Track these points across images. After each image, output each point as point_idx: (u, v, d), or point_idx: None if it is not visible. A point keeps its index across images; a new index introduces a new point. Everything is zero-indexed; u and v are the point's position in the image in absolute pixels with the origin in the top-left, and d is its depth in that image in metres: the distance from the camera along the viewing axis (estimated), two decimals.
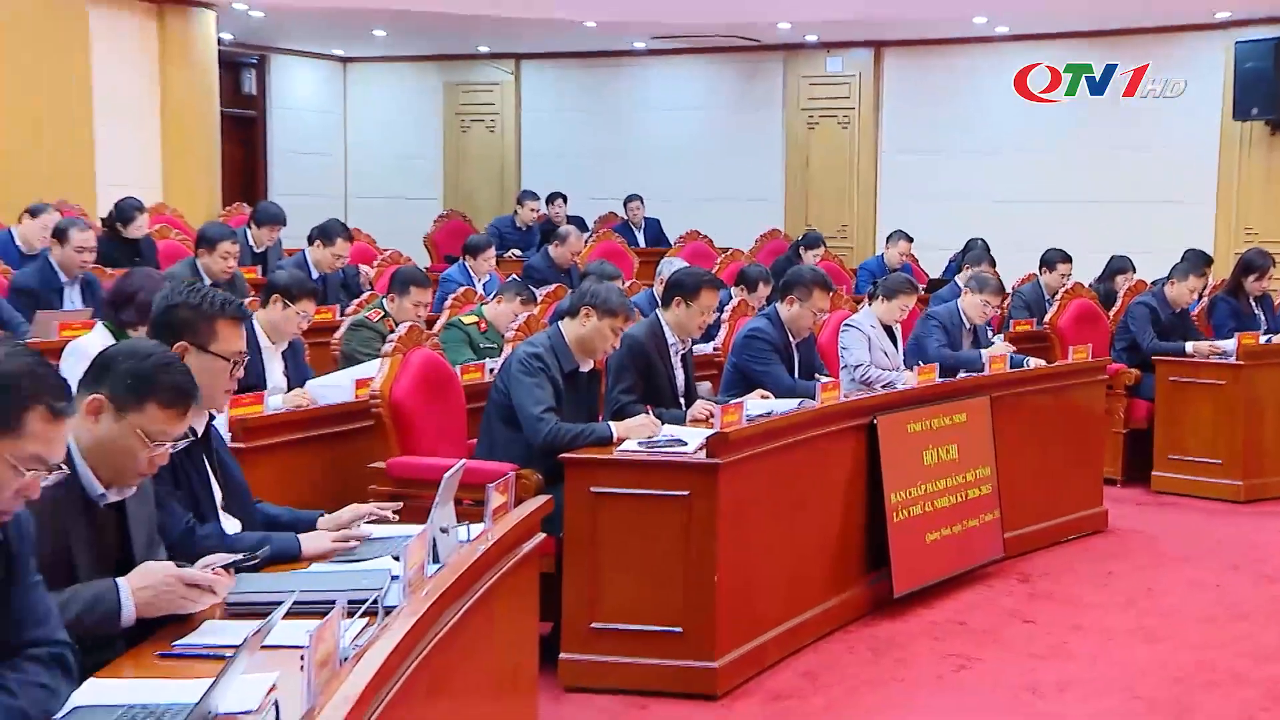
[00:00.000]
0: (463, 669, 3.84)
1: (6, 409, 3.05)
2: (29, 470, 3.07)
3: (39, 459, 3.08)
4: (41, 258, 9.62)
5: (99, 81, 14.47)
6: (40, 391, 3.10)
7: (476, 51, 19.08)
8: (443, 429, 6.91)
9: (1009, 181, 16.39)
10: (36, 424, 3.07)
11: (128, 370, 3.73)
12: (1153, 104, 15.72)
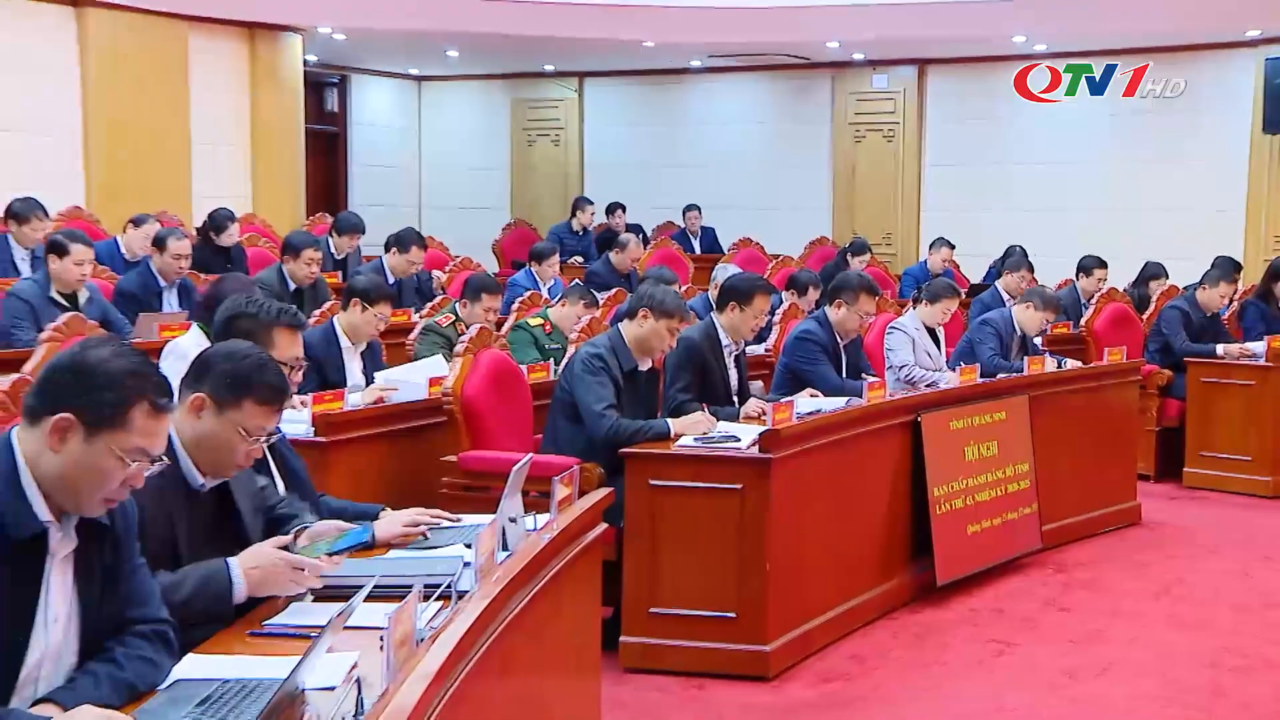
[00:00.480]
0: (530, 650, 3.85)
1: (113, 405, 3.09)
2: (133, 461, 3.11)
3: (142, 451, 3.12)
4: (143, 264, 9.70)
5: (196, 101, 14.64)
6: (144, 389, 3.14)
7: (542, 70, 19.09)
8: (510, 425, 6.93)
9: (1046, 191, 16.26)
10: (140, 419, 3.11)
11: (226, 370, 3.82)
12: (1186, 118, 15.59)
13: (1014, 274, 11.33)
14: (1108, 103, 15.95)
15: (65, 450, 3.06)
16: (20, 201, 10.52)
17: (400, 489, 6.22)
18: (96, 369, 3.12)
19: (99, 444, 3.07)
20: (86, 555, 3.19)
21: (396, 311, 8.55)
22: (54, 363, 3.22)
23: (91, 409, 3.07)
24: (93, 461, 3.07)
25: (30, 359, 6.09)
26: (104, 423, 3.08)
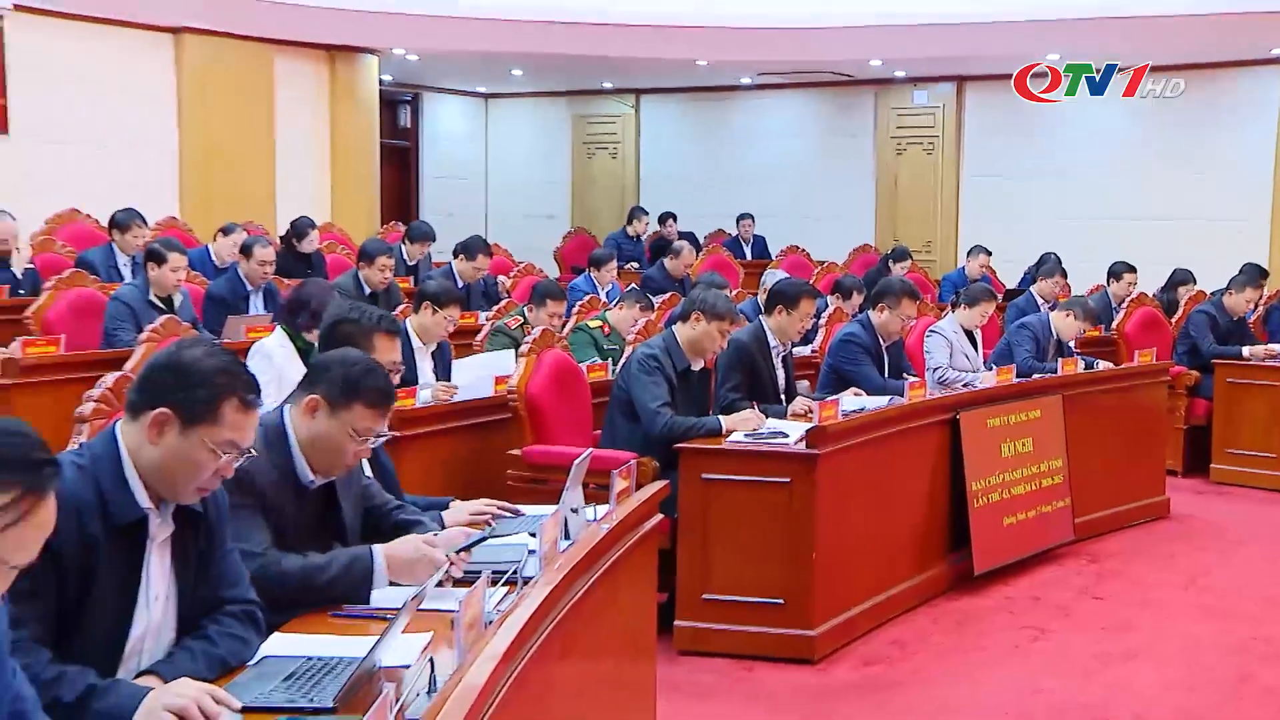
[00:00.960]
0: (591, 632, 3.85)
1: (206, 401, 3.13)
2: (224, 454, 3.14)
3: (233, 444, 3.16)
4: (231, 270, 9.78)
5: (280, 119, 14.79)
6: (234, 386, 3.19)
7: (601, 87, 19.13)
8: (571, 421, 6.95)
9: (1079, 201, 16.18)
10: (230, 413, 3.16)
11: (339, 375, 3.87)
12: (1214, 132, 15.54)
13: (1048, 280, 11.31)
14: (1139, 116, 15.92)
15: (163, 442, 3.11)
16: (122, 212, 10.63)
17: (467, 481, 6.26)
18: (191, 368, 3.17)
19: (193, 437, 3.11)
20: (182, 540, 3.24)
21: (464, 314, 8.60)
22: (153, 361, 3.27)
23: (187, 405, 3.12)
24: (188, 453, 3.11)
25: (130, 358, 6.14)
26: (198, 417, 3.12)
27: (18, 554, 2.35)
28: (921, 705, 5.64)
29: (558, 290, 8.62)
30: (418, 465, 6.19)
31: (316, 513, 3.93)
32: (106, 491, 3.06)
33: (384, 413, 3.91)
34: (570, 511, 4.06)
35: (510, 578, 3.60)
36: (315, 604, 3.61)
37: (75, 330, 8.33)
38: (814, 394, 7.65)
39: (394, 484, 4.62)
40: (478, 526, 4.35)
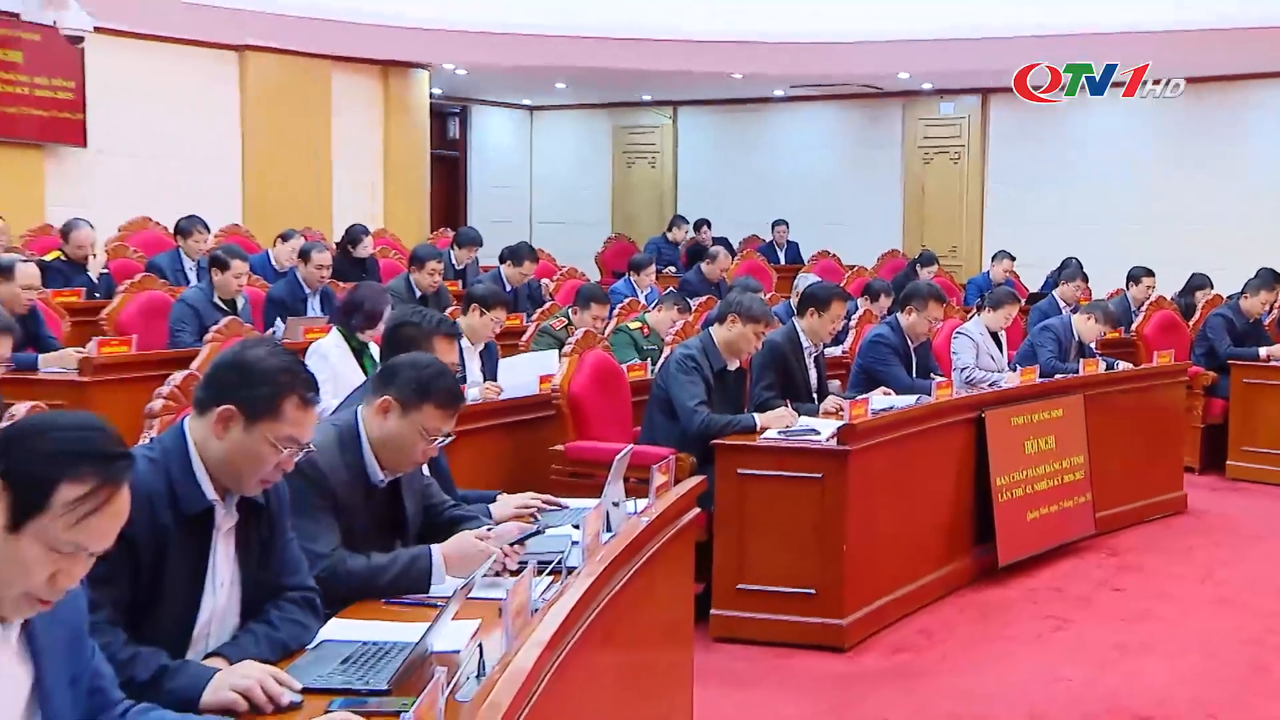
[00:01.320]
0: (631, 620, 3.86)
1: (268, 398, 3.16)
2: (285, 448, 3.17)
3: (293, 439, 3.18)
4: (290, 274, 9.83)
5: (336, 131, 14.87)
6: (294, 384, 3.21)
7: (640, 100, 19.14)
8: (612, 418, 6.96)
9: (1100, 208, 16.06)
10: (291, 410, 3.18)
11: (410, 378, 3.88)
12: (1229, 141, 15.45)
13: (1070, 283, 11.26)
14: (1158, 127, 15.89)
15: (228, 437, 3.13)
16: (185, 219, 10.72)
17: (513, 475, 6.28)
18: (254, 367, 3.20)
19: (256, 432, 3.14)
20: (246, 530, 3.26)
21: (510, 316, 8.60)
22: (219, 360, 3.31)
23: (250, 402, 3.15)
24: (251, 448, 3.14)
25: (196, 358, 6.20)
26: (260, 414, 3.15)
27: (95, 541, 2.37)
28: (947, 692, 5.63)
29: (600, 293, 8.64)
30: (466, 460, 6.20)
31: (382, 509, 3.95)
32: (176, 483, 3.10)
33: (452, 413, 3.92)
34: (612, 505, 4.07)
35: (555, 568, 3.61)
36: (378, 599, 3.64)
37: (145, 331, 8.40)
38: (845, 393, 7.63)
39: (448, 482, 4.64)
40: (524, 519, 4.37)
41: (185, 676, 2.88)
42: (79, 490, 2.34)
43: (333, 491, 3.74)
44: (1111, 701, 5.54)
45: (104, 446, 2.41)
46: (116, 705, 2.62)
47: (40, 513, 2.32)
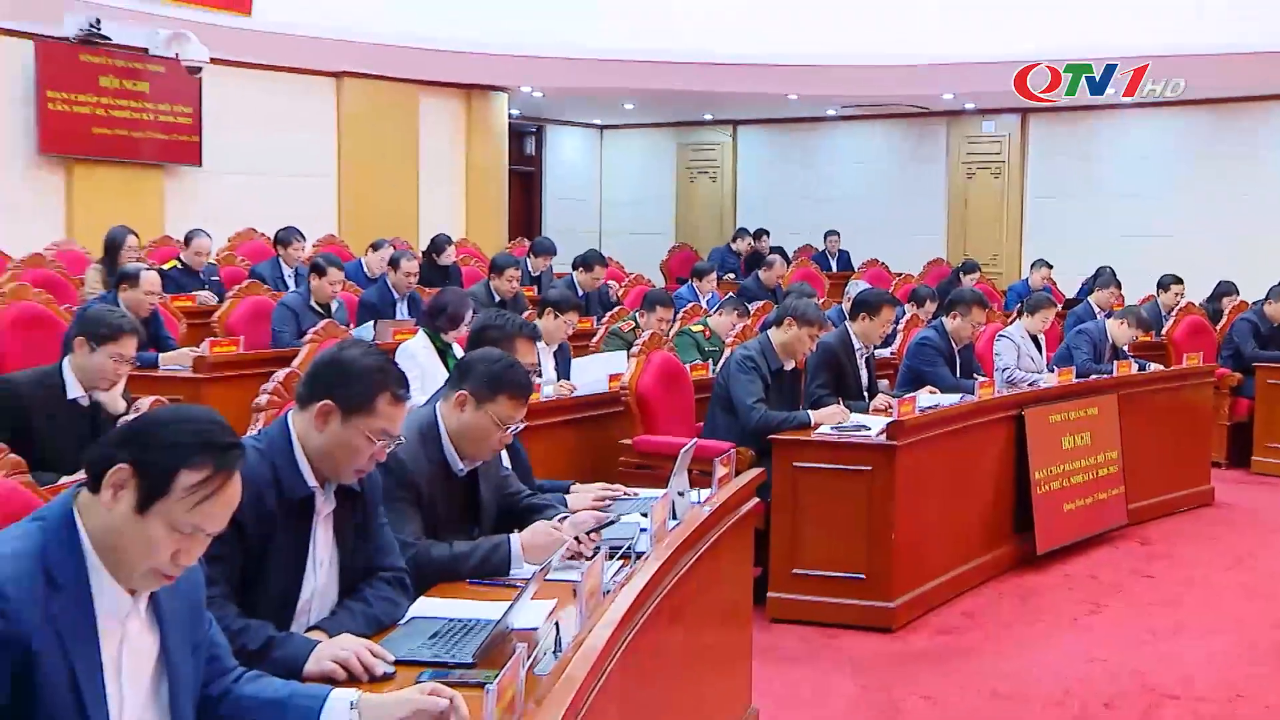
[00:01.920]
0: (695, 602, 3.86)
1: (363, 394, 3.19)
2: (378, 441, 3.20)
3: (385, 432, 3.21)
4: (381, 281, 9.91)
5: (423, 149, 14.99)
6: (387, 382, 3.24)
7: (702, 119, 19.12)
8: (676, 414, 6.96)
9: (1132, 219, 15.89)
10: (384, 406, 3.21)
11: (484, 371, 3.90)
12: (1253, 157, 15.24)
13: (1104, 290, 11.15)
14: (1187, 143, 15.76)
15: (327, 430, 3.17)
16: (284, 230, 10.84)
17: (585, 467, 6.28)
18: (351, 366, 3.24)
19: (352, 426, 3.17)
20: (343, 515, 3.29)
21: (582, 319, 8.64)
22: (319, 360, 3.35)
23: (347, 398, 3.18)
24: (347, 440, 3.17)
25: (297, 357, 6.27)
26: (356, 409, 3.18)
27: (211, 523, 2.41)
28: (989, 670, 5.60)
29: (667, 298, 8.65)
30: (542, 452, 6.19)
31: (461, 498, 3.97)
32: (280, 472, 3.14)
33: (523, 403, 3.92)
34: (677, 495, 4.06)
35: (625, 552, 3.61)
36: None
37: (251, 332, 8.51)
38: (893, 392, 7.60)
39: (527, 473, 4.66)
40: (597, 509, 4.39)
41: (290, 647, 2.93)
42: (197, 477, 2.38)
43: (415, 482, 3.76)
44: (1142, 681, 5.50)
45: (219, 438, 2.45)
46: (231, 671, 2.67)
47: (163, 497, 2.37)
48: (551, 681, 2.61)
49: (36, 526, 2.41)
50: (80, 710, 2.32)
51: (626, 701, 3.09)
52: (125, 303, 7.54)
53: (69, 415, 5.28)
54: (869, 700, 5.24)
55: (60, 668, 2.30)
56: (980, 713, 5.13)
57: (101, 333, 5.29)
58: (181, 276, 10.06)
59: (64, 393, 5.30)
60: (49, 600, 2.31)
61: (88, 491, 2.42)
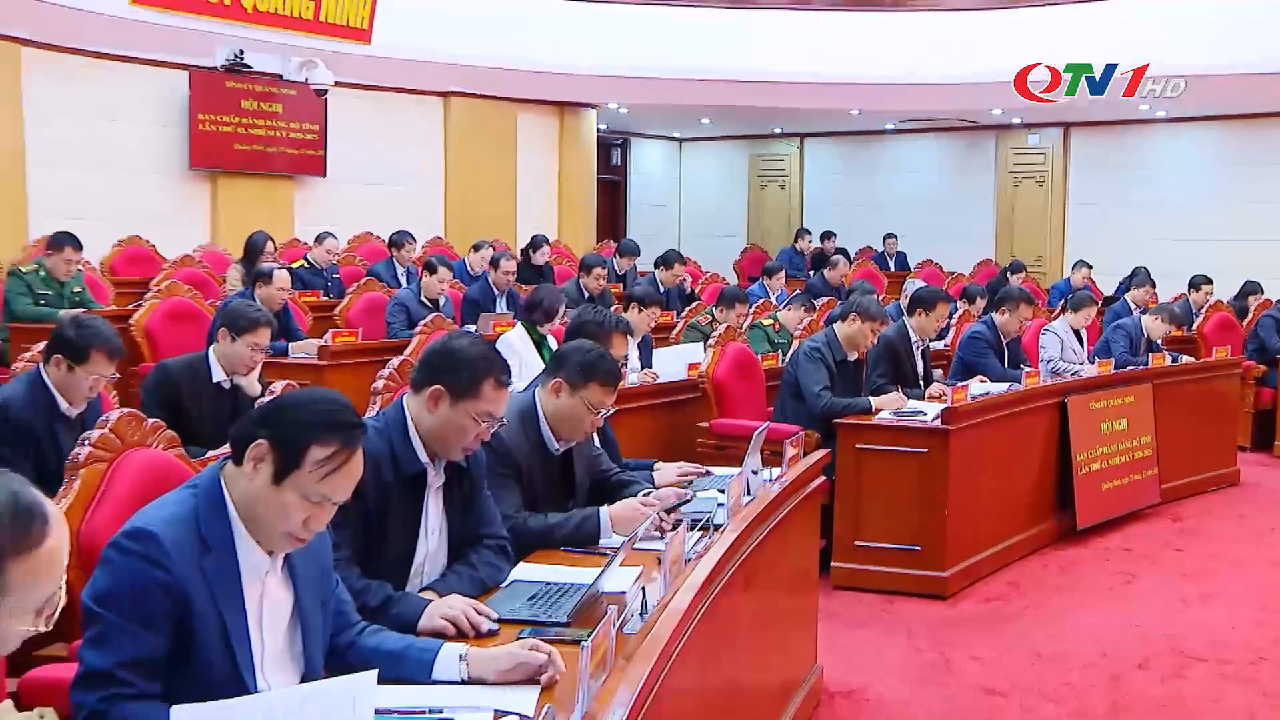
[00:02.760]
0: (767, 570, 3.86)
1: (471, 380, 3.21)
2: (483, 422, 3.22)
3: (489, 414, 3.23)
4: (482, 278, 9.95)
5: (520, 160, 15.04)
6: (492, 368, 3.26)
7: (772, 132, 19.00)
8: (749, 400, 6.96)
9: (1165, 224, 15.61)
10: (489, 390, 3.22)
11: (578, 361, 3.90)
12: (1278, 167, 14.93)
13: (1139, 289, 10.97)
14: (1216, 155, 15.49)
15: (438, 412, 3.19)
16: (397, 233, 10.94)
17: (666, 447, 6.30)
18: (459, 354, 3.26)
19: (460, 409, 3.19)
20: (451, 488, 3.32)
21: (663, 314, 8.64)
22: (430, 349, 3.38)
23: (455, 383, 3.20)
24: (456, 421, 3.19)
25: (409, 347, 6.33)
26: (464, 393, 3.19)
27: (337, 493, 2.45)
28: (1033, 634, 5.55)
29: (742, 295, 8.63)
30: (628, 433, 6.20)
31: (557, 474, 3.98)
32: (396, 449, 3.17)
33: (613, 390, 3.92)
34: (751, 473, 4.06)
35: (704, 525, 3.60)
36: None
37: (368, 324, 8.62)
38: (947, 381, 7.54)
39: (616, 453, 4.67)
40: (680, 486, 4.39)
41: (406, 605, 2.96)
42: (326, 452, 2.42)
43: (516, 460, 3.77)
44: (1172, 644, 5.44)
45: (345, 418, 2.49)
46: (355, 625, 2.71)
47: (296, 469, 2.41)
48: (639, 640, 2.62)
49: (190, 494, 2.48)
50: (229, 652, 2.38)
51: (705, 658, 3.10)
52: (260, 298, 7.67)
53: (213, 396, 5.38)
54: (923, 660, 5.21)
55: (212, 615, 2.37)
56: (1024, 672, 5.09)
57: (241, 325, 5.38)
58: (308, 275, 10.21)
59: (209, 377, 5.40)
60: (202, 558, 2.39)
61: (232, 464, 2.49)
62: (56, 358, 4.48)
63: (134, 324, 7.56)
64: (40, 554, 1.76)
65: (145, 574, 2.32)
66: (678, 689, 2.69)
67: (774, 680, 4.19)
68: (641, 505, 3.78)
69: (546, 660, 2.54)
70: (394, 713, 2.34)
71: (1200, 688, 4.94)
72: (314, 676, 2.54)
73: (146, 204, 11.80)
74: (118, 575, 2.34)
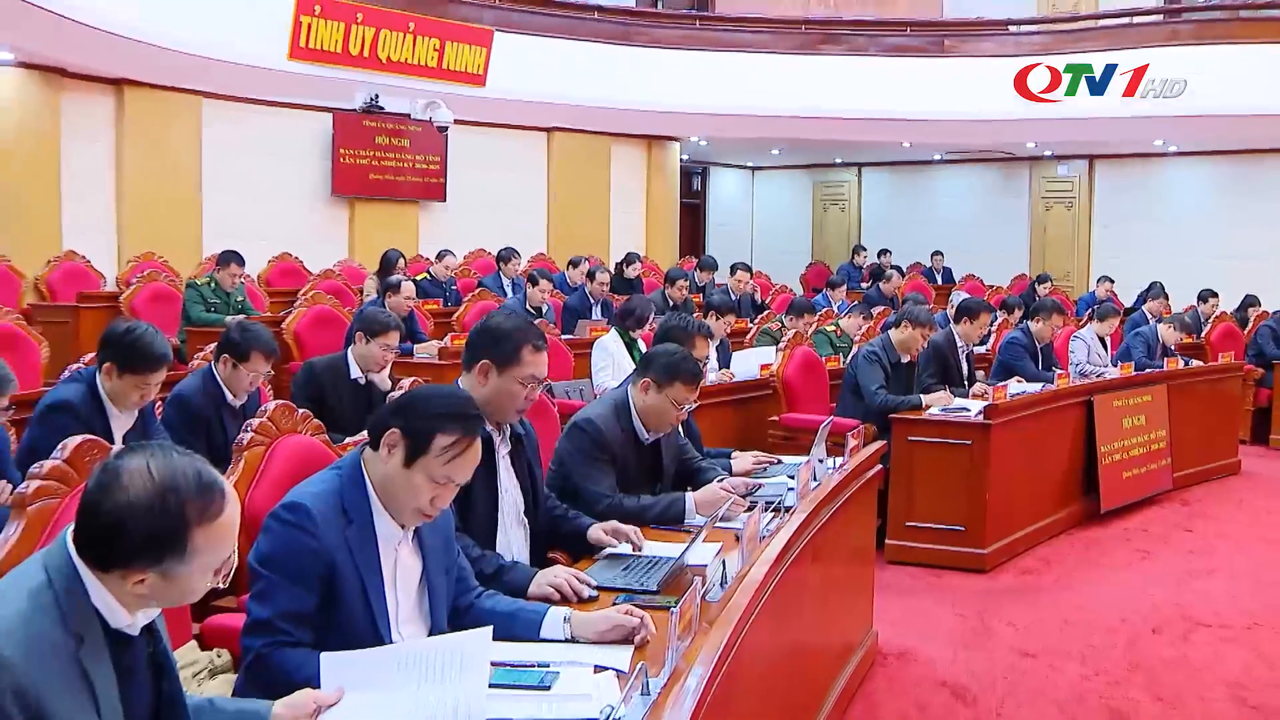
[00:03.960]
0: (831, 546, 3.82)
1: (511, 349, 3.16)
2: (528, 385, 3.17)
3: (533, 377, 3.17)
4: (580, 289, 9.97)
5: (613, 186, 15.03)
6: (527, 336, 3.20)
7: (834, 162, 18.85)
8: (814, 397, 6.90)
9: (1179, 244, 15.33)
10: (529, 355, 3.17)
11: (664, 363, 3.85)
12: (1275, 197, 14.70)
13: (1155, 301, 10.81)
14: (1224, 184, 15.27)
15: (488, 384, 3.16)
16: (505, 249, 10.98)
17: (742, 438, 6.27)
18: (498, 329, 3.21)
19: (507, 376, 3.15)
20: (517, 454, 3.30)
21: (738, 321, 8.58)
22: (473, 330, 3.31)
23: (498, 355, 3.16)
24: (504, 388, 3.16)
25: None
26: (507, 362, 3.15)
27: (459, 475, 2.47)
28: (1062, 603, 5.46)
29: (809, 305, 8.58)
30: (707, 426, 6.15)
31: (647, 461, 3.94)
32: None
33: (695, 388, 3.87)
34: (817, 461, 4.00)
35: (776, 506, 3.56)
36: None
37: None
38: (988, 381, 7.42)
39: (698, 442, 4.64)
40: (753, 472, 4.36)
41: (516, 573, 2.95)
42: (449, 439, 2.43)
43: (611, 448, 3.75)
44: (1181, 612, 5.37)
45: (465, 410, 2.50)
46: (474, 590, 2.72)
47: (424, 454, 2.43)
48: (720, 607, 2.60)
49: (335, 474, 2.51)
50: (368, 609, 2.41)
51: (778, 623, 3.07)
52: (390, 306, 7.74)
53: (351, 390, 5.44)
54: (965, 626, 5.15)
55: (354, 578, 2.40)
56: (1053, 636, 5.02)
57: (374, 328, 5.43)
58: (430, 286, 10.29)
59: (348, 374, 5.46)
60: (345, 528, 2.42)
61: (370, 449, 2.50)
62: (224, 357, 4.56)
63: (285, 328, 7.66)
64: (219, 523, 1.84)
65: (299, 541, 2.37)
66: (753, 649, 2.66)
67: (836, 642, 4.15)
68: (722, 490, 3.75)
69: (640, 623, 2.53)
70: (507, 665, 2.34)
71: (1203, 649, 4.90)
72: (439, 632, 2.55)
73: (296, 226, 12.02)
74: (276, 541, 2.39)
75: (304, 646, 2.34)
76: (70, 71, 10.32)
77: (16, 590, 1.75)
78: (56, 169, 10.33)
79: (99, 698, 1.75)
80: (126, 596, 1.81)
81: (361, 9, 11.43)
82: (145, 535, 1.77)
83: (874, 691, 4.34)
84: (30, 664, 1.65)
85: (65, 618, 1.74)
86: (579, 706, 2.16)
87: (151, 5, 9.55)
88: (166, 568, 1.79)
